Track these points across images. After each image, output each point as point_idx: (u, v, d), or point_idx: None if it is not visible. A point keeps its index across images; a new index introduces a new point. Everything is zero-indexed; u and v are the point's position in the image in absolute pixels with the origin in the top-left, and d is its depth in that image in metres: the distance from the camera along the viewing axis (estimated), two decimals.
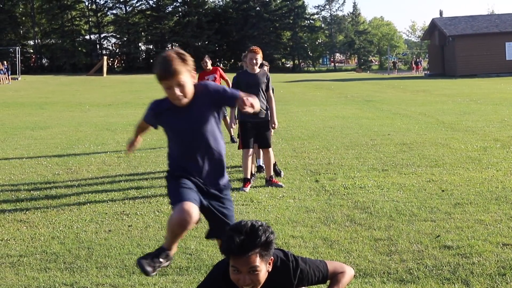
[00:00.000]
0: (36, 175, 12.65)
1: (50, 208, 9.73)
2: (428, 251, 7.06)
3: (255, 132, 11.18)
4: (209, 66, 16.72)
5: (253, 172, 11.69)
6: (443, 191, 10.23)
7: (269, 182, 11.19)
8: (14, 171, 13.15)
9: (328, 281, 4.61)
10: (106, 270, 6.74)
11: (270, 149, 11.36)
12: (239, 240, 4.05)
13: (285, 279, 4.36)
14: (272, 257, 4.25)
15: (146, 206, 9.78)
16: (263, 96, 11.08)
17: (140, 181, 11.79)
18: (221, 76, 16.42)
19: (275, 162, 12.23)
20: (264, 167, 12.56)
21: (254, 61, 11.04)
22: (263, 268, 4.14)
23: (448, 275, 6.28)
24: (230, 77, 15.45)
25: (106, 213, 9.35)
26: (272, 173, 11.37)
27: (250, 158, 11.23)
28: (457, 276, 6.25)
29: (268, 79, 11.29)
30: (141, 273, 6.44)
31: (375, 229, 8.08)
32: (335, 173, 12.05)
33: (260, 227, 4.14)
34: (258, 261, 4.08)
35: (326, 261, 4.67)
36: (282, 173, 12.19)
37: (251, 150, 11.25)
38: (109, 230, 8.40)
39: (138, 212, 9.35)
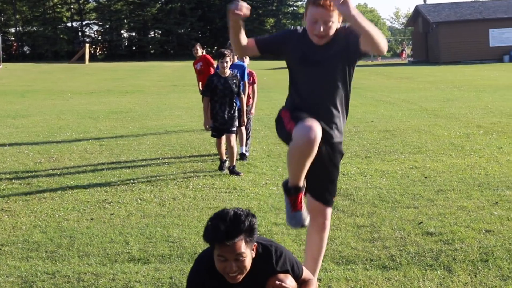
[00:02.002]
0: (17, 163, 12.57)
1: (31, 197, 9.68)
2: (410, 238, 7.07)
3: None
4: (199, 54, 16.59)
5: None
6: (426, 178, 10.25)
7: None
8: None
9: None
10: (88, 258, 6.70)
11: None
12: (224, 228, 4.08)
13: (267, 266, 4.38)
14: (255, 244, 4.27)
15: (128, 194, 9.74)
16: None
17: (122, 169, 11.75)
18: (208, 63, 16.29)
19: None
20: (247, 155, 12.57)
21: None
22: (249, 254, 4.18)
23: (430, 261, 6.29)
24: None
25: (88, 202, 9.31)
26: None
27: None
28: (440, 262, 6.25)
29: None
30: (123, 262, 6.43)
31: (358, 216, 8.09)
32: None
33: (242, 213, 4.20)
34: (243, 247, 4.12)
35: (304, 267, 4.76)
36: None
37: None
38: (91, 219, 8.36)
39: (120, 200, 9.32)
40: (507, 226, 7.47)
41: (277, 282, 4.39)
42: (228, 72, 11.36)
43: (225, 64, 11.22)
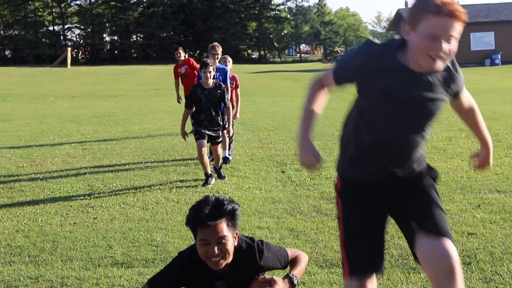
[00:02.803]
0: None
1: (14, 201, 9.64)
2: (394, 241, 7.08)
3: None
4: (182, 58, 16.53)
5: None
6: None
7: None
8: None
9: (288, 267, 4.70)
10: (71, 263, 6.68)
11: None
12: (207, 210, 4.14)
13: (250, 260, 4.40)
14: (237, 232, 4.31)
15: (111, 198, 9.72)
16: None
17: (105, 173, 11.72)
18: (193, 67, 16.26)
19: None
20: (230, 159, 12.59)
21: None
22: (231, 239, 4.21)
23: (413, 264, 6.30)
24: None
25: (71, 206, 9.28)
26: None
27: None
28: None
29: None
30: (106, 266, 6.42)
31: None
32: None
33: (225, 199, 4.27)
34: (225, 230, 4.17)
35: (286, 248, 4.75)
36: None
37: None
38: (74, 223, 8.33)
39: (103, 205, 9.30)
40: (489, 229, 7.50)
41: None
42: (211, 82, 10.86)
43: (208, 75, 10.73)
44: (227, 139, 12.47)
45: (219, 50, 13.02)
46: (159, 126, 18.81)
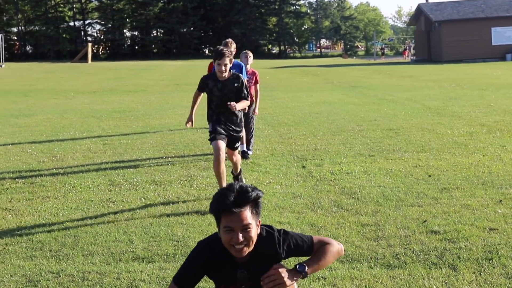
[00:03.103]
0: (21, 163, 12.58)
1: (35, 196, 9.68)
2: (415, 236, 7.06)
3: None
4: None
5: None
6: (429, 176, 10.24)
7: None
8: None
9: None
10: (92, 257, 6.70)
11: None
12: (232, 197, 4.11)
13: (271, 248, 4.37)
14: (260, 220, 4.29)
15: (132, 193, 9.74)
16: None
17: (126, 168, 11.74)
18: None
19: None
20: (249, 153, 12.58)
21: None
22: (254, 226, 4.19)
23: (435, 260, 6.28)
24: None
25: (92, 201, 9.31)
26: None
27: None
28: (444, 260, 6.25)
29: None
30: (127, 261, 6.43)
31: (362, 215, 8.08)
32: (321, 159, 12.05)
33: (249, 186, 4.24)
34: (250, 217, 4.14)
35: (314, 236, 4.66)
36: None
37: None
38: (95, 218, 8.35)
39: (124, 199, 9.32)
40: (511, 224, 7.46)
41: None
42: (227, 74, 9.12)
43: (223, 68, 8.98)
44: (244, 135, 12.34)
45: (233, 46, 12.38)
46: (179, 121, 18.82)
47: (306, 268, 4.36)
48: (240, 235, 4.14)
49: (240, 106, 9.15)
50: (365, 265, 6.22)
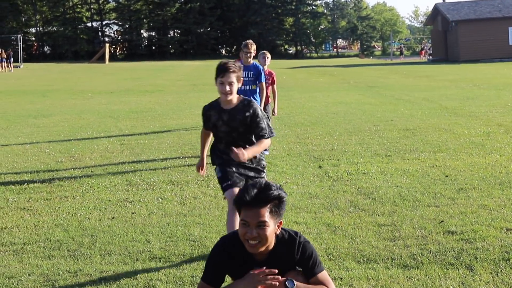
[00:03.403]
0: (39, 162, 12.64)
1: (53, 196, 9.73)
2: (432, 237, 7.05)
3: None
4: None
5: None
6: (446, 176, 10.22)
7: None
8: (17, 159, 13.14)
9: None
10: (109, 257, 6.74)
11: None
12: (253, 192, 4.17)
13: (289, 251, 4.39)
14: (281, 220, 4.30)
15: (149, 193, 9.78)
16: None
17: (143, 168, 11.77)
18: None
19: None
20: (266, 154, 12.59)
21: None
22: (271, 225, 4.19)
23: (452, 260, 6.28)
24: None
25: (110, 200, 9.35)
26: None
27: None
28: (461, 261, 6.24)
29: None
30: (144, 261, 6.45)
31: (378, 215, 8.08)
32: (338, 159, 12.04)
33: (274, 185, 4.30)
34: (267, 216, 4.15)
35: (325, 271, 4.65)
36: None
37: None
38: (113, 217, 8.39)
39: (141, 199, 9.35)
40: None
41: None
42: (235, 98, 6.62)
43: (227, 88, 6.44)
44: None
45: (253, 48, 12.17)
46: (196, 121, 18.85)
47: (293, 284, 4.36)
48: (254, 230, 4.16)
49: (251, 153, 6.41)
50: (381, 266, 6.22)
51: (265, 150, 12.70)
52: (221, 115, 6.67)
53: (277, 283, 4.24)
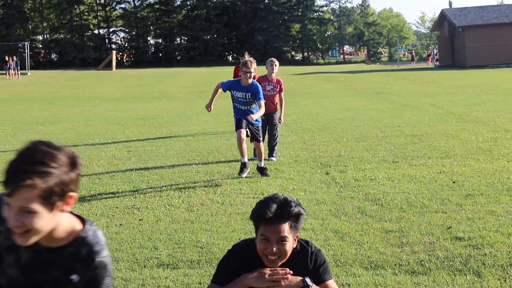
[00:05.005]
0: None
1: None
2: (439, 243, 7.05)
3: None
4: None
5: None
6: (454, 182, 10.21)
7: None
8: None
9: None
10: (117, 264, 6.75)
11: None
12: (274, 208, 4.12)
13: (302, 262, 4.37)
14: (298, 234, 4.29)
15: (157, 199, 9.79)
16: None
17: (150, 175, 11.79)
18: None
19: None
20: (272, 159, 12.63)
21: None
22: (291, 240, 4.19)
23: (459, 266, 6.27)
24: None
25: (117, 207, 9.36)
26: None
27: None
28: (469, 267, 6.24)
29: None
30: (152, 267, 6.46)
31: (386, 221, 8.08)
32: (345, 165, 12.04)
33: (293, 200, 4.23)
34: (287, 231, 4.14)
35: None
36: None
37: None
38: (120, 224, 8.41)
39: (148, 206, 9.36)
40: None
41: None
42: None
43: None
44: (263, 151, 11.95)
45: (253, 67, 11.53)
46: (203, 128, 18.89)
47: (310, 282, 4.35)
48: (275, 246, 4.15)
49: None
50: (389, 272, 6.22)
51: (273, 156, 12.74)
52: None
53: (292, 281, 4.25)
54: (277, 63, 13.46)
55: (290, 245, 4.20)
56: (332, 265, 6.40)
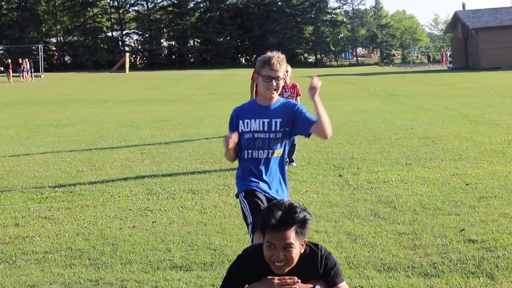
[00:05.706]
0: (60, 172, 12.71)
1: (74, 205, 9.77)
2: (452, 245, 7.04)
3: None
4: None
5: None
6: (467, 184, 10.19)
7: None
8: (38, 168, 13.22)
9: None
10: (130, 266, 6.77)
11: None
12: (279, 214, 4.12)
13: (312, 266, 4.37)
14: (305, 239, 4.29)
15: (170, 202, 9.80)
16: None
17: (164, 177, 11.81)
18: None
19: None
20: (293, 165, 12.59)
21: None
22: (297, 246, 4.18)
23: (473, 269, 6.26)
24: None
25: (130, 209, 9.38)
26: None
27: None
28: (482, 270, 6.22)
29: None
30: (165, 269, 6.47)
31: (399, 224, 8.06)
32: (358, 168, 12.03)
33: (298, 206, 4.24)
34: (293, 237, 4.14)
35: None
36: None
37: None
38: (133, 226, 8.43)
39: (162, 208, 9.38)
40: None
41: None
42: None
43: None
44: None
45: (282, 68, 10.61)
46: (216, 130, 18.89)
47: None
48: (281, 253, 4.15)
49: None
50: (402, 274, 6.21)
51: (293, 162, 12.68)
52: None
53: None
54: (290, 68, 12.95)
55: (296, 251, 4.19)
56: (345, 267, 6.40)
